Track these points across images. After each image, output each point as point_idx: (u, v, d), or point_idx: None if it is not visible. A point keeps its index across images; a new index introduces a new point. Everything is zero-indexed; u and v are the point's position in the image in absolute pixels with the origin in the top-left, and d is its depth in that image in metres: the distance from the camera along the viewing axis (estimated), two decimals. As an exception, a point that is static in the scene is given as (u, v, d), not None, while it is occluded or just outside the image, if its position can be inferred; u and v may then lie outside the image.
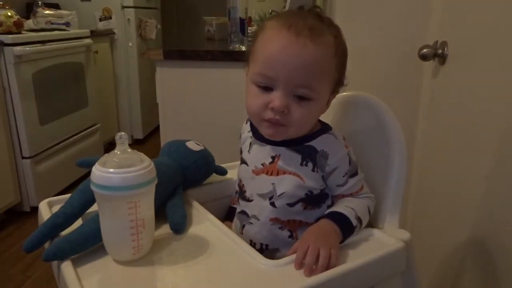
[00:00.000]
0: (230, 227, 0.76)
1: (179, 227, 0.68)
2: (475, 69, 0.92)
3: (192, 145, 0.82)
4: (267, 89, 0.64)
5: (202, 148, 0.83)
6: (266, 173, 0.70)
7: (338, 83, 0.69)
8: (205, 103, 1.62)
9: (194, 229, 0.69)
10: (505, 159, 0.80)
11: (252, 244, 0.71)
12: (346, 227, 0.64)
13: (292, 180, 0.68)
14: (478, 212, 0.90)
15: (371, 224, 0.72)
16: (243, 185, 0.75)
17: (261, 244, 0.71)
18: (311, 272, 0.56)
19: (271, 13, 2.58)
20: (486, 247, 0.86)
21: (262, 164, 0.71)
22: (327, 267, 0.57)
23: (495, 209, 0.84)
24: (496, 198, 0.83)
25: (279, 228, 0.69)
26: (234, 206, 0.82)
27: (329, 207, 0.70)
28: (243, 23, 1.68)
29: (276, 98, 0.62)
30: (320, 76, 0.63)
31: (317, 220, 0.67)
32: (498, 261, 0.82)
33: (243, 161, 0.75)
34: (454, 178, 1.01)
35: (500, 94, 0.82)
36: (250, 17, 2.49)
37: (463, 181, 0.96)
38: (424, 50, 1.04)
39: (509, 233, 0.79)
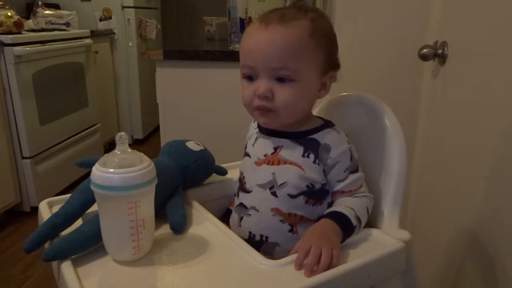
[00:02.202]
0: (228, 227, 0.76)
1: (179, 227, 0.68)
2: (475, 69, 0.92)
3: (192, 145, 0.82)
4: (252, 79, 0.68)
5: (202, 148, 0.83)
6: (267, 163, 0.71)
7: (329, 64, 0.69)
8: (205, 103, 1.62)
9: (194, 229, 0.69)
10: (505, 160, 0.80)
11: (252, 235, 0.71)
12: (346, 227, 0.64)
13: (293, 170, 0.68)
14: (478, 212, 0.90)
15: (371, 224, 0.72)
16: (243, 177, 0.75)
17: (261, 236, 0.71)
18: (312, 272, 0.56)
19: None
20: (486, 247, 0.86)
21: (264, 155, 0.72)
22: (329, 267, 0.57)
23: (495, 209, 0.84)
24: (496, 199, 0.83)
25: (280, 220, 0.69)
26: (232, 208, 0.82)
27: (329, 204, 0.70)
28: (243, 23, 1.68)
29: (259, 84, 0.66)
30: (296, 56, 0.65)
31: (318, 218, 0.67)
32: (498, 261, 0.82)
33: (246, 154, 0.76)
34: (454, 178, 1.01)
35: (500, 94, 0.82)
36: (250, 17, 2.48)
37: (463, 181, 0.96)
38: (424, 50, 1.05)
39: (509, 233, 0.79)
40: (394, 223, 0.70)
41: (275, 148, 0.71)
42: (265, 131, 0.74)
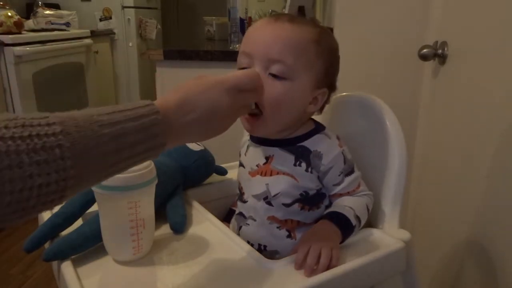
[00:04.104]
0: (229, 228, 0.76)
1: (179, 227, 0.68)
2: (475, 69, 0.92)
3: (192, 145, 0.82)
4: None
5: (202, 148, 0.83)
6: (261, 174, 0.70)
7: (325, 79, 0.67)
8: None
9: (194, 229, 0.69)
10: (505, 159, 0.80)
11: (250, 245, 0.71)
12: (345, 227, 0.64)
13: (285, 180, 0.67)
14: (478, 212, 0.90)
15: (371, 224, 0.72)
16: (241, 187, 0.75)
17: (259, 245, 0.70)
18: (312, 273, 0.56)
19: (271, 13, 2.58)
20: (486, 247, 0.86)
21: (257, 165, 0.71)
22: (328, 267, 0.57)
23: (495, 209, 0.84)
24: (496, 198, 0.83)
25: (277, 227, 0.69)
26: (234, 208, 0.82)
27: (327, 207, 0.70)
28: (243, 23, 1.68)
29: None
30: (295, 54, 0.63)
31: (316, 221, 0.67)
32: (498, 261, 0.82)
33: (241, 164, 0.76)
34: (454, 178, 1.01)
35: (500, 94, 0.82)
36: (250, 17, 2.49)
37: (463, 181, 0.96)
38: (424, 50, 1.05)
39: (509, 233, 0.79)
40: (394, 223, 0.70)
41: (267, 158, 0.70)
42: (255, 139, 0.73)
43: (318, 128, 0.70)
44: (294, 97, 0.64)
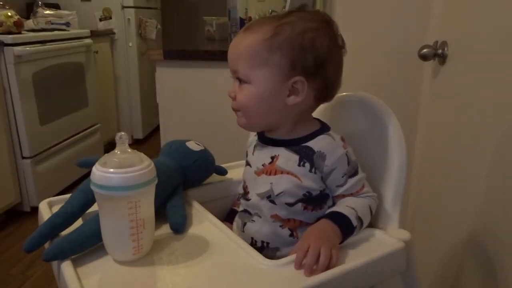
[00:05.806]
0: (229, 228, 0.76)
1: (179, 227, 0.68)
2: (475, 69, 0.92)
3: (192, 145, 0.82)
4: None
5: (202, 148, 0.83)
6: (266, 173, 0.71)
7: (293, 69, 0.65)
8: (205, 103, 1.62)
9: (194, 229, 0.69)
10: (505, 159, 0.80)
11: (253, 241, 0.72)
12: (346, 227, 0.64)
13: (289, 180, 0.68)
14: (478, 212, 0.90)
15: (371, 224, 0.72)
16: (246, 186, 0.76)
17: (262, 242, 0.71)
18: (311, 272, 0.57)
19: (271, 13, 2.58)
20: (486, 247, 0.86)
21: (262, 165, 0.72)
22: (328, 267, 0.57)
23: (495, 209, 0.84)
24: (496, 198, 0.83)
25: (280, 226, 0.70)
26: (235, 208, 0.82)
27: (330, 208, 0.70)
28: (243, 23, 1.68)
29: (231, 85, 0.71)
30: (245, 58, 0.67)
31: (318, 220, 0.67)
32: (498, 261, 0.82)
33: (247, 163, 0.77)
34: (454, 178, 1.01)
35: (500, 94, 0.82)
36: (250, 17, 2.49)
37: (463, 181, 0.96)
38: (424, 50, 1.05)
39: (509, 233, 0.79)
40: (394, 223, 0.71)
41: (272, 158, 0.71)
42: (262, 140, 0.74)
43: (324, 129, 0.71)
44: (261, 96, 0.67)
